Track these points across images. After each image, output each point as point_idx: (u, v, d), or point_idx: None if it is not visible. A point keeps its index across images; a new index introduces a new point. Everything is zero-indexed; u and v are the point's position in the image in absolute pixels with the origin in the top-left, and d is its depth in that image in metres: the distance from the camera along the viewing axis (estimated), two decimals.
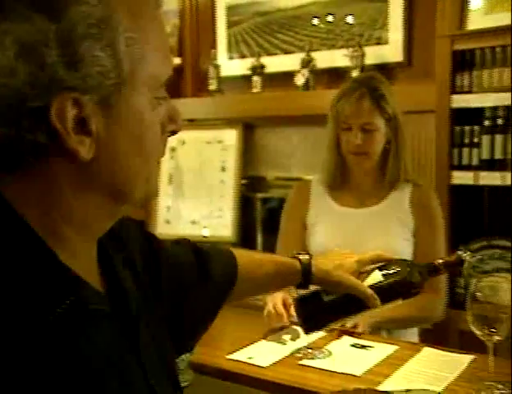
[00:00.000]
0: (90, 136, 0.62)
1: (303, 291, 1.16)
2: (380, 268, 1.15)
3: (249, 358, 1.49)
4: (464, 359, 1.44)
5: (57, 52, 0.58)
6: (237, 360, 1.49)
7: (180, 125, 0.73)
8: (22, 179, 0.63)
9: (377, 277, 1.13)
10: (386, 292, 1.12)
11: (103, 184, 0.66)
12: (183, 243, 1.02)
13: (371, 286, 1.11)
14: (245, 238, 3.07)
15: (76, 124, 0.61)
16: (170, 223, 3.12)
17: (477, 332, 1.30)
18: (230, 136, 3.08)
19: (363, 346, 1.54)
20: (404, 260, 1.22)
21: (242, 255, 1.10)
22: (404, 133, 1.83)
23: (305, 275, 1.11)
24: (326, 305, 1.14)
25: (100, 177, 0.65)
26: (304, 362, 1.46)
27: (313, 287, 1.14)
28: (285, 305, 1.59)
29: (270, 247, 3.05)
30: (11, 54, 0.57)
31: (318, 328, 1.22)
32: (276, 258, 1.16)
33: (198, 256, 1.00)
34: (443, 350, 1.52)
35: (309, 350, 1.50)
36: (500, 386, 1.28)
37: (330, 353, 1.50)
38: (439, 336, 2.12)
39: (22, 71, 0.58)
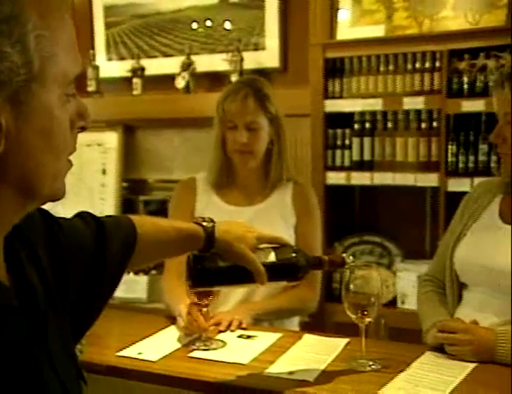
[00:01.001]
0: (0, 131, 0.63)
1: None
2: (274, 249, 1.24)
3: (139, 353, 1.50)
4: (340, 343, 1.56)
5: None
6: (127, 357, 1.50)
7: (89, 122, 0.75)
8: None
9: (271, 256, 1.22)
10: (275, 272, 1.22)
11: (13, 177, 0.67)
12: (83, 216, 1.02)
13: (263, 264, 1.19)
14: None
15: None
16: None
17: (352, 316, 1.43)
18: (111, 139, 3.05)
19: (249, 336, 1.62)
20: (296, 248, 1.31)
21: (143, 222, 1.12)
22: (285, 133, 1.93)
23: (208, 242, 1.17)
24: (219, 269, 1.21)
25: (10, 171, 0.66)
26: (193, 354, 1.50)
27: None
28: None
29: None
30: None
31: (204, 286, 1.30)
32: (179, 225, 1.20)
33: (97, 229, 1.00)
34: (321, 335, 1.63)
35: (203, 342, 1.55)
36: (371, 362, 1.41)
37: (224, 343, 1.56)
38: (316, 327, 2.24)
39: None
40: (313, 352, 1.50)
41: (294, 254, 1.25)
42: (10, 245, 0.74)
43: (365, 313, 1.41)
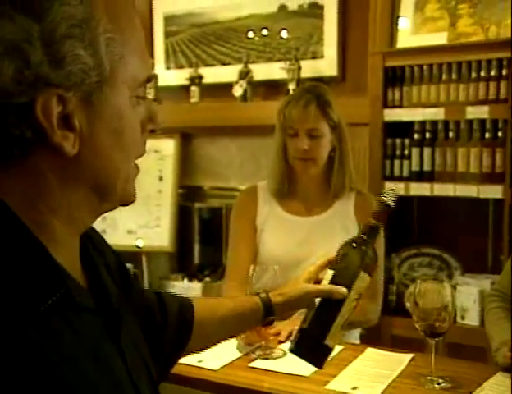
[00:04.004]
0: (74, 132, 0.64)
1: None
2: (331, 267, 1.16)
3: (199, 361, 1.49)
4: (405, 358, 1.52)
5: (41, 50, 0.60)
6: (187, 364, 1.48)
7: (159, 125, 0.76)
8: (10, 173, 0.64)
9: (329, 273, 1.14)
10: (343, 279, 1.12)
11: (87, 178, 0.68)
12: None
13: (330, 283, 1.13)
14: (182, 248, 3.08)
15: (60, 120, 0.63)
16: (106, 233, 3.07)
17: (421, 331, 1.38)
18: (168, 146, 3.08)
19: None
20: (344, 244, 1.18)
21: (202, 306, 1.11)
22: (348, 142, 1.90)
23: (267, 307, 1.12)
24: (311, 330, 1.11)
25: (84, 171, 0.67)
26: (254, 364, 1.48)
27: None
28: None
29: (207, 257, 3.08)
30: None
31: (327, 354, 1.13)
32: (235, 298, 1.20)
33: (159, 300, 1.01)
34: (384, 350, 1.59)
35: (263, 351, 1.53)
36: (440, 380, 1.36)
37: (284, 352, 1.54)
38: (372, 340, 2.20)
39: (8, 69, 0.60)
40: (377, 367, 1.46)
41: (346, 252, 1.15)
42: (84, 249, 0.76)
43: (435, 328, 1.36)
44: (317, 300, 1.11)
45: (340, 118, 1.87)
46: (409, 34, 2.57)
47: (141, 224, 3.03)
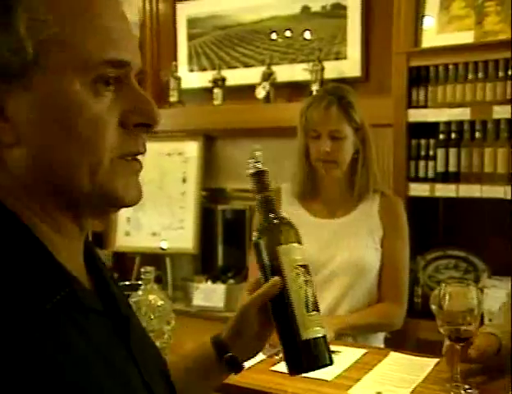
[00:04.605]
0: (7, 122, 0.61)
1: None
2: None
3: None
4: (429, 363, 1.49)
5: None
6: None
7: (151, 118, 0.67)
8: None
9: (260, 277, 0.99)
10: (268, 268, 0.97)
11: (44, 173, 0.63)
12: None
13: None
14: (206, 250, 3.08)
15: None
16: (130, 235, 3.09)
17: (446, 336, 1.35)
18: (191, 148, 3.08)
19: (332, 352, 1.55)
20: (252, 239, 1.03)
21: None
22: (371, 143, 1.88)
23: (218, 344, 0.99)
24: (284, 341, 0.95)
25: (36, 164, 0.63)
26: (276, 368, 1.47)
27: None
28: None
29: (230, 258, 3.07)
30: None
31: (320, 347, 0.97)
32: (189, 350, 1.06)
33: None
34: (409, 354, 1.56)
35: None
36: (466, 386, 1.33)
37: None
38: (398, 344, 2.17)
39: None
40: (401, 371, 1.44)
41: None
42: (90, 255, 0.75)
43: (460, 332, 1.33)
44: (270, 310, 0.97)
45: (363, 120, 1.85)
46: (434, 33, 2.53)
47: (165, 226, 3.04)
